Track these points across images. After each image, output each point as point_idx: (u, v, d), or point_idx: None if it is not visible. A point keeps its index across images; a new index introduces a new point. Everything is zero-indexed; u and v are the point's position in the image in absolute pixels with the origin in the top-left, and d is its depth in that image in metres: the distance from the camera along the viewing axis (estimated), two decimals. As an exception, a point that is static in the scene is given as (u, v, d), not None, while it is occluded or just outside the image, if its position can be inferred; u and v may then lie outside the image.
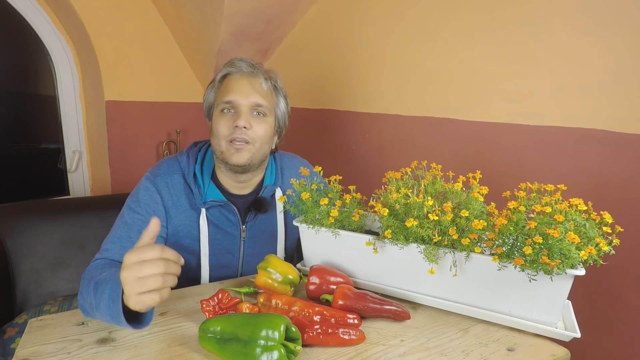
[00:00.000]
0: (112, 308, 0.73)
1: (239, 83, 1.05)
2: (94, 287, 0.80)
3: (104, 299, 0.75)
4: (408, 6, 1.52)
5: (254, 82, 1.05)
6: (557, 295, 0.75)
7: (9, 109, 2.08)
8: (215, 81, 1.09)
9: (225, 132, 1.03)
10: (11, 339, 1.29)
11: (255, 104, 1.04)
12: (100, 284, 0.79)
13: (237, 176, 1.08)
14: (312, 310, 0.80)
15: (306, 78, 2.00)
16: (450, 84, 1.42)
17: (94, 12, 1.90)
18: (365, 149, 1.76)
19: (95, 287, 0.80)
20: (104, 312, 0.75)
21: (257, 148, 1.05)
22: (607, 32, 1.06)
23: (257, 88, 1.05)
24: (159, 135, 2.21)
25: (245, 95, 1.03)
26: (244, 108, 1.03)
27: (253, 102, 1.04)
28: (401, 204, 0.85)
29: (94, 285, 0.80)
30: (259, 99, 1.04)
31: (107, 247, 1.00)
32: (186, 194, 1.07)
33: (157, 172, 1.08)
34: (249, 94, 1.04)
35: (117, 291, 0.73)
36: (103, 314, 0.76)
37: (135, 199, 1.05)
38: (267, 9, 1.79)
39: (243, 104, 1.03)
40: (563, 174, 1.16)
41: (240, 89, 1.04)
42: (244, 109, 1.03)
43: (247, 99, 1.03)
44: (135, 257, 0.68)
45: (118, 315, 0.72)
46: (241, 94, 1.03)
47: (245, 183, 1.12)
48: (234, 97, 1.03)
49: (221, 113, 1.05)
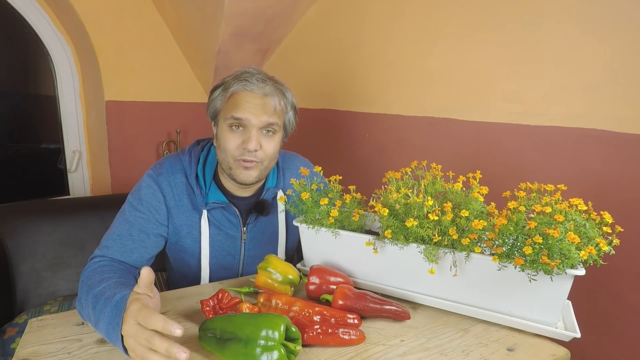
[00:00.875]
0: (110, 333, 0.71)
1: (251, 103, 1.00)
2: (92, 300, 0.79)
3: (103, 321, 0.73)
4: (408, 6, 1.52)
5: (267, 103, 1.01)
6: (557, 295, 0.75)
7: (9, 109, 2.08)
8: (226, 91, 1.04)
9: (234, 152, 1.01)
10: (11, 339, 1.29)
11: (267, 124, 1.01)
12: (99, 299, 0.78)
13: (242, 185, 1.08)
14: (312, 310, 0.80)
15: (306, 78, 2.00)
16: (450, 84, 1.42)
17: (94, 12, 1.90)
18: (366, 149, 1.76)
19: (94, 302, 0.78)
20: (102, 332, 0.74)
21: (265, 166, 1.05)
22: (607, 32, 1.06)
23: (269, 109, 1.01)
24: (159, 135, 2.21)
25: (257, 115, 1.00)
26: (254, 129, 1.00)
27: (265, 122, 1.01)
28: (401, 204, 0.85)
29: (93, 299, 0.79)
30: (271, 119, 1.01)
31: (107, 244, 0.99)
32: (188, 194, 1.06)
33: (160, 170, 1.07)
34: (260, 114, 1.00)
35: (116, 319, 0.70)
36: (101, 332, 0.74)
37: (137, 197, 1.04)
38: (267, 9, 1.79)
39: (254, 124, 1.00)
40: (563, 174, 1.16)
41: (252, 109, 1.00)
42: (254, 130, 1.00)
43: (258, 120, 1.00)
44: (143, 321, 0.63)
45: (116, 342, 0.70)
46: (252, 114, 0.99)
47: (248, 187, 1.11)
48: (245, 115, 0.99)
49: (229, 128, 1.01)
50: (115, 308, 0.72)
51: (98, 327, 0.75)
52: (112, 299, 0.76)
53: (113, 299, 0.75)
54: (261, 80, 1.02)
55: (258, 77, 1.03)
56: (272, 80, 1.06)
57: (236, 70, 1.06)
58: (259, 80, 1.02)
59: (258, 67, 1.10)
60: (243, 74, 1.03)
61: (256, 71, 1.05)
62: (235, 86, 1.02)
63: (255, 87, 1.01)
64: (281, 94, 1.05)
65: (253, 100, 1.00)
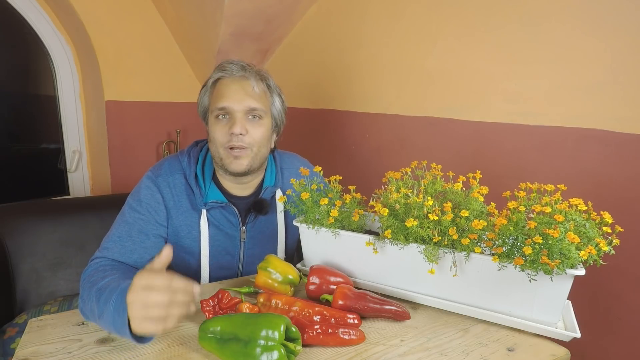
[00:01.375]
0: (117, 320, 0.72)
1: (230, 88, 1.02)
2: (96, 294, 0.79)
3: (108, 310, 0.73)
4: (408, 6, 1.52)
5: (246, 85, 1.03)
6: (557, 295, 0.75)
7: (9, 109, 2.08)
8: (208, 85, 1.07)
9: (222, 140, 1.02)
10: (11, 339, 1.29)
11: (250, 108, 1.02)
12: (103, 291, 0.78)
13: (238, 179, 1.08)
14: (312, 310, 0.80)
15: (306, 78, 2.00)
16: (450, 84, 1.42)
17: (94, 12, 1.90)
18: (365, 149, 1.76)
19: (97, 295, 0.78)
20: (108, 322, 0.74)
21: (255, 152, 1.05)
22: (607, 32, 1.06)
23: (250, 92, 1.03)
24: (159, 135, 2.21)
25: (238, 100, 1.01)
26: (238, 114, 1.01)
27: (247, 107, 1.02)
28: (401, 204, 0.85)
29: (97, 292, 0.79)
30: (253, 103, 1.02)
31: (108, 246, 0.99)
32: (187, 194, 1.07)
33: (159, 171, 1.07)
34: (242, 99, 1.01)
35: (122, 304, 0.71)
36: (107, 323, 0.75)
37: (136, 198, 1.04)
38: (267, 9, 1.79)
39: (237, 110, 1.01)
40: (563, 174, 1.16)
41: (233, 94, 1.02)
42: (238, 114, 1.01)
43: (240, 104, 1.01)
44: (144, 280, 0.67)
45: (122, 328, 0.71)
46: (234, 99, 1.01)
47: (245, 185, 1.12)
48: (227, 103, 1.01)
49: (216, 119, 1.03)
50: (121, 294, 0.73)
51: (102, 319, 0.75)
52: (117, 288, 0.76)
53: (119, 288, 0.75)
54: (240, 67, 1.05)
55: (237, 64, 1.05)
56: (252, 67, 1.08)
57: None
58: (238, 67, 1.05)
59: (258, 66, 1.11)
60: (223, 63, 1.06)
61: (237, 60, 1.07)
62: (215, 75, 1.05)
63: (234, 71, 1.04)
64: (262, 79, 1.07)
65: (232, 85, 1.03)
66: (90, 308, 0.80)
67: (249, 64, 1.08)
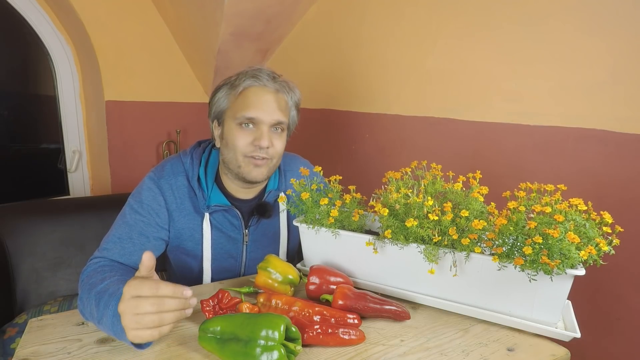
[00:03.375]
0: (115, 326, 0.71)
1: (262, 99, 1.00)
2: (95, 297, 0.79)
3: (107, 315, 0.73)
4: (408, 6, 1.52)
5: (280, 99, 1.02)
6: (557, 295, 0.75)
7: (9, 109, 2.08)
8: (234, 88, 1.02)
9: (244, 149, 1.01)
10: (11, 339, 1.29)
11: (278, 122, 1.02)
12: (102, 295, 0.78)
13: (247, 184, 1.07)
14: (312, 310, 0.80)
15: (306, 78, 2.00)
16: (450, 84, 1.42)
17: (94, 12, 1.90)
18: (366, 149, 1.76)
19: (97, 298, 0.78)
20: (107, 327, 0.74)
21: (274, 163, 1.05)
22: (607, 32, 1.06)
23: (282, 106, 1.02)
24: (159, 135, 2.21)
25: (270, 113, 1.00)
26: (266, 127, 1.00)
27: (276, 120, 1.01)
28: (401, 204, 0.85)
29: (95, 296, 0.79)
30: (282, 117, 1.02)
31: (107, 247, 0.98)
32: (190, 197, 1.06)
33: (161, 173, 1.06)
34: (273, 112, 1.00)
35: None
36: (106, 329, 0.75)
37: (138, 199, 1.03)
38: (267, 9, 1.79)
39: (266, 122, 1.00)
40: (563, 174, 1.16)
41: (264, 106, 1.00)
42: (265, 127, 1.00)
43: (270, 117, 1.00)
44: (133, 291, 0.67)
45: (121, 334, 0.70)
46: (265, 111, 1.00)
47: (251, 189, 1.11)
48: (258, 114, 0.99)
49: (239, 126, 1.01)
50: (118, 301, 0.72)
51: (102, 323, 0.75)
52: (116, 293, 0.76)
53: (117, 293, 0.75)
54: (271, 76, 1.03)
55: (268, 73, 1.03)
56: (281, 77, 1.07)
57: (241, 70, 1.05)
58: (269, 77, 1.03)
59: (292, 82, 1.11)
60: (253, 70, 1.03)
61: (265, 68, 1.05)
62: (247, 82, 1.01)
63: (267, 82, 1.02)
64: (291, 92, 1.06)
65: (265, 96, 1.01)
66: (90, 311, 0.79)
67: (278, 75, 1.06)
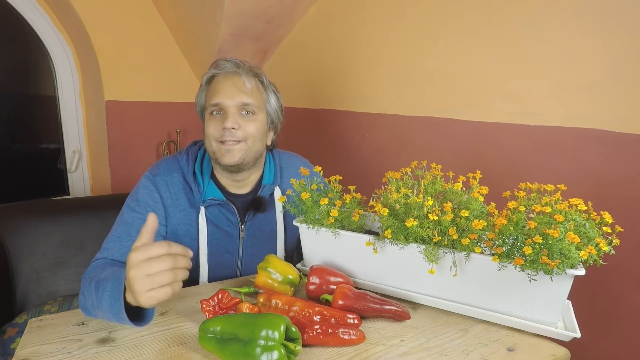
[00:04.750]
0: (113, 306, 0.73)
1: (223, 84, 1.05)
2: (95, 286, 0.80)
3: (106, 297, 0.75)
4: (408, 6, 1.52)
5: (238, 81, 1.05)
6: (557, 295, 0.75)
7: (9, 109, 2.08)
8: (203, 83, 1.10)
9: (215, 134, 1.05)
10: (11, 339, 1.29)
11: (242, 104, 1.05)
12: (101, 282, 0.80)
13: (233, 175, 1.09)
14: (312, 310, 0.80)
15: (306, 78, 2.00)
16: (450, 84, 1.42)
17: (94, 12, 1.90)
18: (365, 149, 1.76)
19: (96, 287, 0.80)
20: (106, 310, 0.75)
21: (248, 146, 1.06)
22: (607, 32, 1.06)
23: (242, 87, 1.05)
24: (159, 135, 2.21)
25: (230, 96, 1.04)
26: (231, 109, 1.04)
27: (239, 102, 1.04)
28: (401, 204, 0.85)
29: (95, 285, 0.80)
30: (245, 98, 1.05)
31: (108, 247, 1.00)
32: (185, 192, 1.07)
33: (157, 171, 1.08)
34: (234, 94, 1.04)
35: (118, 288, 0.73)
36: (105, 312, 0.76)
37: (134, 198, 1.05)
38: (267, 9, 1.79)
39: (229, 105, 1.04)
40: (563, 174, 1.16)
41: (225, 90, 1.04)
42: (230, 109, 1.04)
43: (232, 100, 1.04)
44: (141, 255, 0.68)
45: (120, 312, 0.72)
46: (226, 95, 1.04)
47: (242, 182, 1.12)
48: (220, 99, 1.04)
49: (210, 115, 1.06)
50: (117, 281, 0.74)
51: (101, 308, 0.76)
52: (113, 276, 0.78)
53: (115, 275, 0.77)
54: (233, 63, 1.07)
55: (231, 61, 1.08)
56: (245, 63, 1.09)
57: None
58: (231, 64, 1.07)
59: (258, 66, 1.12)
60: (217, 60, 1.09)
61: (231, 57, 1.09)
62: (210, 72, 1.08)
63: (227, 66, 1.06)
64: (254, 75, 1.09)
65: (226, 81, 1.05)
66: (91, 302, 0.81)
67: (243, 61, 1.10)
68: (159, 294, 0.68)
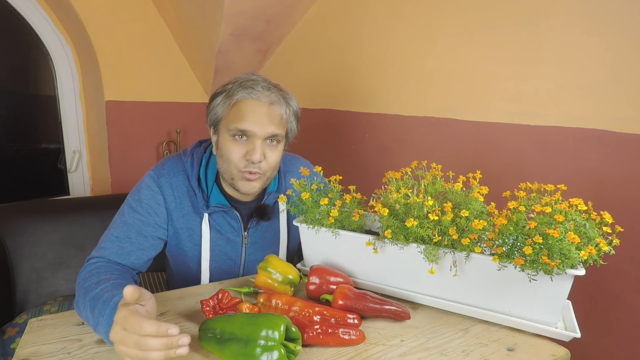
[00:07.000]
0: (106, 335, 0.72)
1: (255, 112, 0.97)
2: (90, 303, 0.79)
3: (102, 324, 0.74)
4: (408, 6, 1.52)
5: (273, 112, 0.98)
6: (557, 295, 0.75)
7: (9, 109, 2.08)
8: (229, 97, 0.99)
9: (238, 163, 0.98)
10: (11, 339, 1.29)
11: (272, 134, 0.98)
12: (96, 302, 0.78)
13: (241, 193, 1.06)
14: (312, 310, 0.80)
15: (306, 78, 2.00)
16: (451, 84, 1.42)
17: (94, 12, 1.90)
18: (366, 149, 1.76)
19: (92, 305, 0.78)
20: (103, 335, 0.74)
21: (268, 176, 1.03)
22: (607, 32, 1.06)
23: (274, 118, 0.98)
24: (159, 135, 2.21)
25: (262, 126, 0.97)
26: (259, 140, 0.97)
27: (269, 133, 0.98)
28: (401, 204, 0.85)
29: (90, 302, 0.79)
30: (276, 129, 0.98)
31: (105, 246, 0.98)
32: (189, 196, 1.05)
33: (161, 171, 1.05)
34: (264, 125, 0.97)
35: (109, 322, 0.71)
36: (100, 335, 0.75)
37: (137, 198, 1.02)
38: (267, 9, 1.79)
39: (259, 135, 0.97)
40: (563, 174, 1.16)
41: (257, 119, 0.96)
42: (258, 140, 0.97)
43: (263, 130, 0.97)
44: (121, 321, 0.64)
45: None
46: (258, 124, 0.96)
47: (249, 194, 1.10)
48: (249, 127, 0.96)
49: (232, 138, 0.98)
50: (112, 311, 0.73)
51: (98, 330, 0.76)
52: (110, 301, 0.76)
53: (111, 302, 0.76)
54: (266, 87, 0.99)
55: (263, 84, 0.99)
56: (276, 88, 1.02)
57: (238, 77, 1.02)
58: (264, 88, 0.99)
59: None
60: (247, 81, 0.99)
61: (260, 78, 1.01)
62: (240, 94, 0.98)
63: (261, 95, 0.98)
64: (286, 103, 1.02)
65: (259, 109, 0.97)
66: (86, 317, 0.80)
67: (274, 85, 1.02)
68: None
